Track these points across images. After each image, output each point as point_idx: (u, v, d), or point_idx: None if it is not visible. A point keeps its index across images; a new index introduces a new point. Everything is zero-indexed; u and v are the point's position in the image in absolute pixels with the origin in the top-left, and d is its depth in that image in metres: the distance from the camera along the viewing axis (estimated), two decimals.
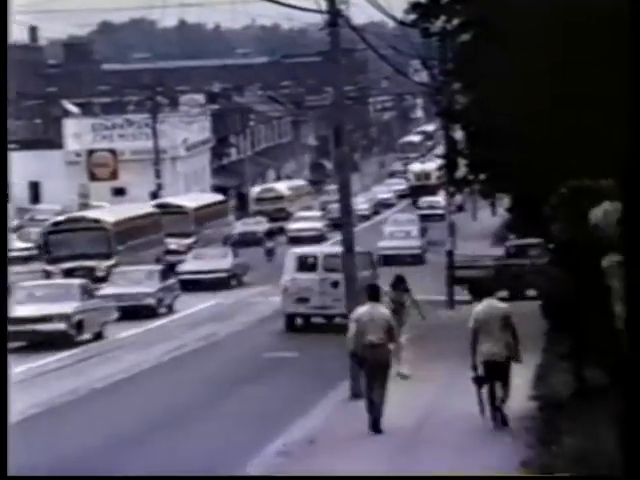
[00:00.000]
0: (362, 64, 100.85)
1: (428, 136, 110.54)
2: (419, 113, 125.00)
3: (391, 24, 39.19)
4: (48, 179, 64.32)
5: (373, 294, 15.20)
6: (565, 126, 18.29)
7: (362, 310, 14.93)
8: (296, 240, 54.32)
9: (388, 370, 14.77)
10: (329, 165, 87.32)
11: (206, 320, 32.72)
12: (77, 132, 67.53)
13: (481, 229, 58.66)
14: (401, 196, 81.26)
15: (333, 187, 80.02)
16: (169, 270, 37.89)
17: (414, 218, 55.12)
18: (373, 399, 14.73)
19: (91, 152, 65.95)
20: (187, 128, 68.67)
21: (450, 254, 35.19)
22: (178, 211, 49.06)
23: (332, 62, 19.44)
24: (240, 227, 60.08)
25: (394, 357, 14.92)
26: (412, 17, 26.02)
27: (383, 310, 15.03)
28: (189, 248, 45.83)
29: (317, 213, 62.71)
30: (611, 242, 7.78)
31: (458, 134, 31.41)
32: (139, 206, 49.23)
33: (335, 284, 26.22)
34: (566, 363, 14.82)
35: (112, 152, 65.87)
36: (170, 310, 34.75)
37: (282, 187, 69.73)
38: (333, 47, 18.96)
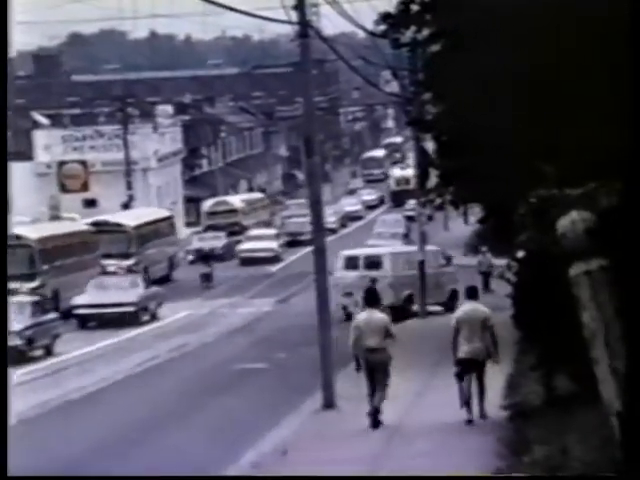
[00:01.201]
0: (333, 75, 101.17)
1: (394, 149, 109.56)
2: (390, 123, 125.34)
3: (361, 35, 39.33)
4: (18, 191, 63.97)
5: (371, 299, 15.75)
6: (537, 135, 18.38)
7: (361, 316, 15.63)
8: (248, 262, 52.27)
9: (388, 372, 15.51)
10: (301, 176, 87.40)
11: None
12: (47, 144, 67.27)
13: (453, 239, 58.82)
14: (370, 207, 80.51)
15: (295, 201, 77.75)
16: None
17: (400, 219, 57.64)
18: (373, 401, 15.46)
19: (61, 163, 65.72)
20: (159, 139, 68.51)
21: (422, 264, 35.25)
22: (116, 229, 45.33)
23: (303, 73, 19.47)
24: (196, 243, 56.68)
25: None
26: (382, 28, 26.05)
27: (380, 315, 15.56)
28: (129, 270, 42.59)
29: (271, 231, 58.30)
30: (578, 251, 7.81)
31: (429, 144, 31.50)
32: (72, 223, 46.14)
33: (373, 281, 28.32)
34: (536, 373, 14.88)
35: (83, 163, 65.67)
36: (49, 353, 29.10)
37: (236, 200, 65.95)
38: (304, 58, 18.99)
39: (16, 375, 23.58)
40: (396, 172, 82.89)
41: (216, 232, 57.97)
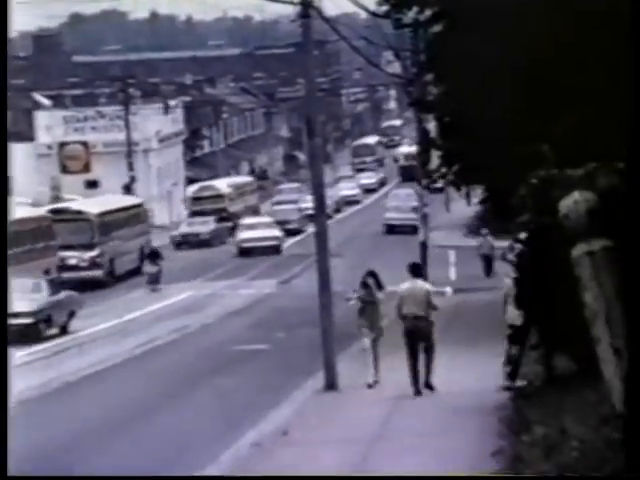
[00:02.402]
0: (334, 56, 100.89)
1: (394, 132, 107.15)
2: (392, 104, 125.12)
3: (363, 15, 39.20)
4: (18, 172, 63.99)
5: (415, 271, 17.01)
6: (537, 117, 18.37)
7: (405, 285, 16.79)
8: (248, 252, 48.08)
9: (431, 337, 16.53)
10: (302, 157, 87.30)
11: None
12: (48, 124, 67.21)
13: (454, 220, 58.85)
14: (368, 190, 78.06)
15: (287, 185, 74.92)
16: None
17: (412, 193, 57.10)
18: (416, 367, 16.51)
19: (63, 144, 65.66)
20: (161, 120, 68.40)
21: (423, 245, 35.26)
22: (77, 217, 41.13)
23: (304, 54, 19.41)
24: (183, 227, 55.03)
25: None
26: (384, 8, 26.00)
27: (423, 284, 16.85)
28: (93, 263, 39.72)
29: (267, 219, 54.04)
30: (580, 232, 7.82)
31: (431, 126, 31.44)
32: (26, 210, 40.27)
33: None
34: (536, 353, 14.93)
35: (84, 144, 65.62)
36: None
37: (222, 185, 61.89)
38: (305, 39, 18.94)
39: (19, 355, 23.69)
40: (404, 148, 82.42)
41: (205, 217, 55.61)
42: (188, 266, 45.87)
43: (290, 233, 53.70)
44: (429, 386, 16.72)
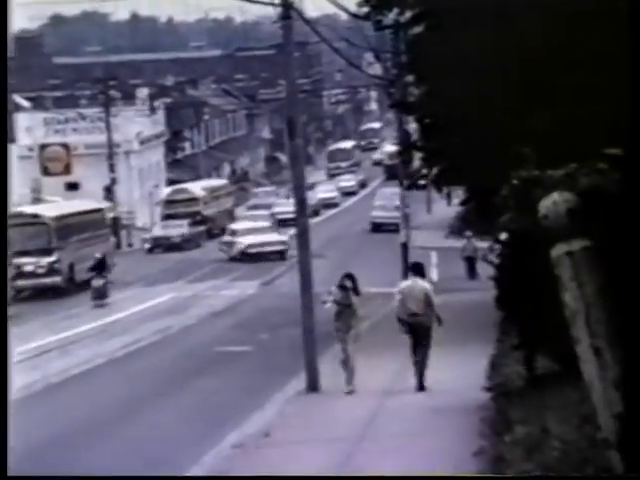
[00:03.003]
0: (315, 57, 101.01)
1: (373, 134, 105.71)
2: (373, 106, 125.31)
3: (344, 17, 39.28)
4: None
5: (417, 269, 17.64)
6: (518, 117, 18.43)
7: (405, 283, 17.53)
8: (253, 258, 46.21)
9: (429, 334, 17.15)
10: (284, 158, 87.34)
11: None
12: (29, 126, 67.01)
13: (436, 221, 58.97)
14: (347, 193, 76.22)
15: (263, 189, 73.01)
16: None
17: (398, 191, 56.74)
18: (417, 360, 17.07)
19: (43, 146, 65.50)
20: (141, 122, 68.29)
21: (405, 246, 35.34)
22: (33, 221, 39.25)
23: (285, 55, 19.43)
24: (157, 230, 54.67)
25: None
26: (365, 10, 26.03)
27: (423, 284, 17.35)
28: (51, 269, 37.74)
29: (265, 223, 51.64)
30: (560, 232, 7.86)
31: (412, 127, 31.50)
32: None
33: None
34: (518, 353, 14.98)
35: (65, 146, 65.47)
36: None
37: (196, 188, 61.25)
38: (286, 40, 18.96)
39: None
40: (389, 147, 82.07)
41: (179, 221, 54.93)
42: (168, 268, 45.91)
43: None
44: (422, 386, 16.94)
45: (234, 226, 51.34)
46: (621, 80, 7.88)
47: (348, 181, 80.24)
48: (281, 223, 54.56)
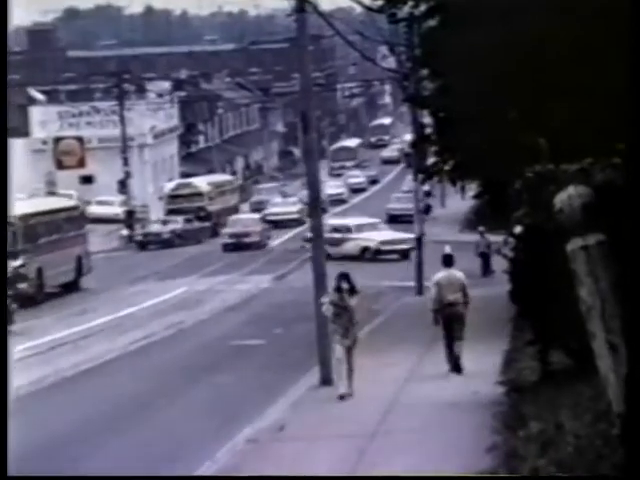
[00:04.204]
0: (329, 50, 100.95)
1: (383, 131, 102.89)
2: (387, 99, 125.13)
3: (358, 10, 39.20)
4: (13, 167, 63.84)
5: (447, 261, 18.33)
6: (532, 111, 18.36)
7: (440, 275, 18.12)
8: (384, 257, 42.13)
9: (464, 323, 17.85)
10: (297, 152, 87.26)
11: None
12: (43, 120, 67.19)
13: (450, 215, 58.88)
14: (355, 190, 73.29)
15: (265, 185, 70.17)
16: None
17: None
18: (452, 349, 17.79)
19: (57, 140, 65.61)
20: (154, 115, 68.35)
21: (419, 240, 35.23)
22: None
23: (299, 48, 19.38)
24: (154, 226, 53.64)
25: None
26: (379, 3, 25.97)
27: (458, 274, 18.11)
28: (16, 275, 32.83)
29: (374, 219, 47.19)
30: (575, 227, 7.81)
31: (426, 121, 31.40)
32: None
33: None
34: (532, 348, 14.92)
35: (79, 140, 65.58)
36: None
37: (201, 182, 59.24)
38: (300, 33, 18.90)
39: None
40: (409, 136, 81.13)
41: (176, 217, 53.41)
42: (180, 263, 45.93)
43: (240, 248, 47.58)
44: (459, 369, 17.65)
45: (341, 221, 46.68)
46: (636, 75, 7.82)
47: (356, 177, 77.29)
48: (276, 225, 53.77)
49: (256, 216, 53.18)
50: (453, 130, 23.54)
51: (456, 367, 17.72)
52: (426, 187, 43.50)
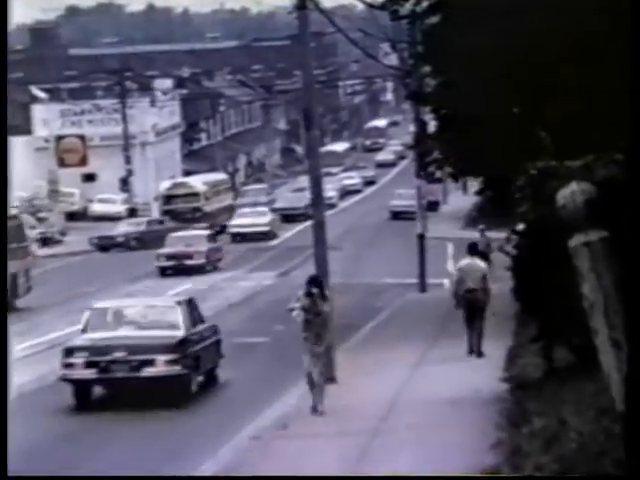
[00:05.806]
0: (331, 47, 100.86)
1: (378, 133, 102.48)
2: (389, 96, 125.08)
3: (360, 7, 39.14)
4: (16, 165, 63.93)
5: (472, 250, 19.33)
6: (534, 107, 18.35)
7: (463, 262, 19.11)
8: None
9: (484, 308, 18.73)
10: (300, 149, 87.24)
11: None
12: (45, 118, 67.22)
13: (452, 212, 58.89)
14: (347, 193, 70.11)
15: (253, 187, 64.85)
16: None
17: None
18: (472, 333, 18.68)
19: (60, 138, 65.65)
20: (157, 113, 68.33)
21: (421, 237, 35.24)
22: None
23: (301, 45, 19.38)
24: (123, 227, 50.23)
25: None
26: (381, 0, 25.94)
27: (481, 263, 19.06)
28: None
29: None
30: (578, 223, 7.81)
31: (428, 118, 31.38)
32: None
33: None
34: (536, 345, 14.92)
35: (81, 138, 65.62)
36: None
37: (197, 182, 56.49)
38: (302, 30, 18.91)
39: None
40: (408, 137, 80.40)
41: (137, 219, 51.55)
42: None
43: (185, 272, 39.99)
44: (480, 353, 18.48)
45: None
46: (638, 71, 7.81)
47: (350, 179, 73.16)
48: (286, 219, 53.80)
49: (202, 232, 43.72)
50: (455, 126, 23.53)
51: (479, 353, 18.56)
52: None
